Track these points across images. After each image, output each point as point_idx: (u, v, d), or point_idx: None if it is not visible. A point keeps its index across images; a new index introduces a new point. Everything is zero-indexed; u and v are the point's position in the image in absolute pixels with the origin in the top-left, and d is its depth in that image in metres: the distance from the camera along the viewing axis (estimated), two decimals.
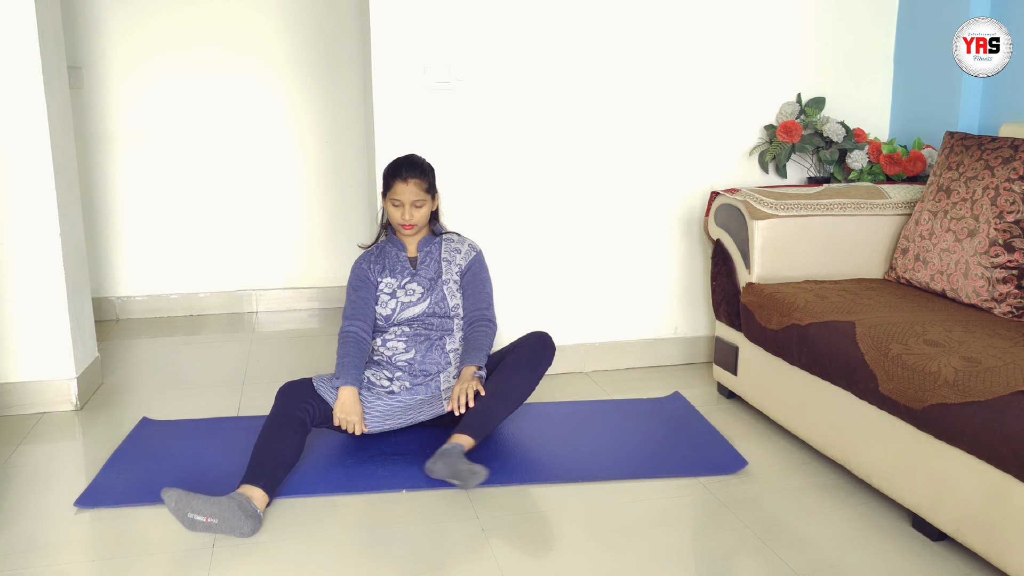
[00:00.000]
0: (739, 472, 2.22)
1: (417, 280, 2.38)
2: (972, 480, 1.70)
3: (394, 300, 2.37)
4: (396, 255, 2.42)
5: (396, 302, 2.37)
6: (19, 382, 2.63)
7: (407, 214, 2.33)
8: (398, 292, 2.37)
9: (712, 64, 2.97)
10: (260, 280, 3.99)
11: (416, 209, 2.34)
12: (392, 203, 2.34)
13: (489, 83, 2.80)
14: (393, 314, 2.36)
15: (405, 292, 2.37)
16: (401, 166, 2.34)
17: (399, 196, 2.32)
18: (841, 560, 1.81)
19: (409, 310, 2.36)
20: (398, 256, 2.42)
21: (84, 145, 3.64)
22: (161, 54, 3.70)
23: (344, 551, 1.86)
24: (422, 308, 2.36)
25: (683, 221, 3.05)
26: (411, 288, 2.38)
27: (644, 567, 1.79)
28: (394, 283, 2.38)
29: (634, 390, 2.85)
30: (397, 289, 2.38)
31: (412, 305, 2.36)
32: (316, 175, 3.94)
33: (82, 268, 2.82)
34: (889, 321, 2.04)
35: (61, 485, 2.14)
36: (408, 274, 2.39)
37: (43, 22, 2.52)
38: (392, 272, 2.40)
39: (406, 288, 2.38)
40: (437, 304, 2.37)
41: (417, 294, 2.37)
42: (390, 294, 2.38)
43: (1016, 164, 2.19)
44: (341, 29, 3.83)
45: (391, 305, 2.37)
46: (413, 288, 2.38)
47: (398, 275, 2.39)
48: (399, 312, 2.36)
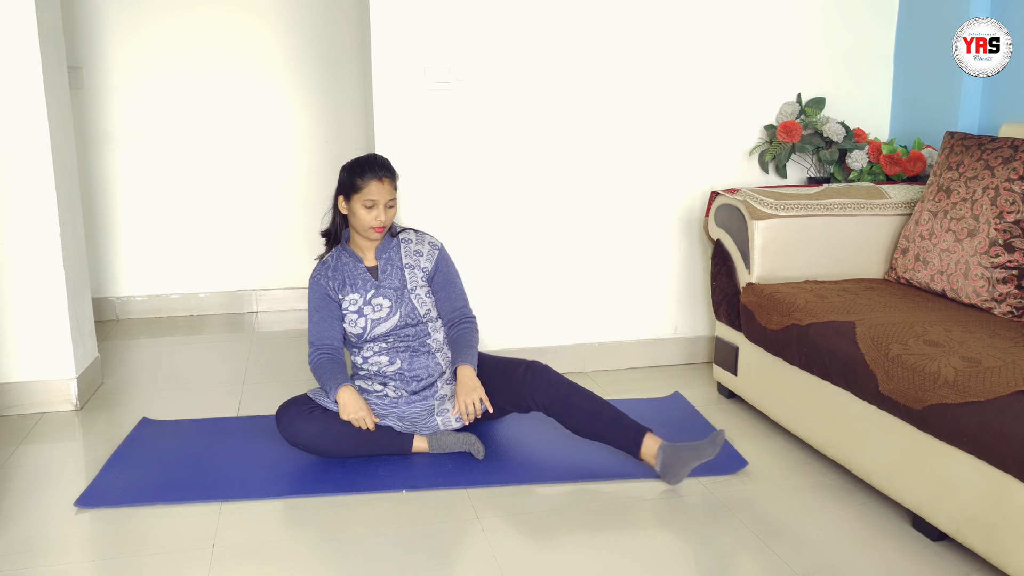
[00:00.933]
0: (739, 472, 2.22)
1: (382, 293, 2.27)
2: (972, 480, 1.70)
3: (363, 318, 2.26)
4: (354, 267, 2.29)
5: (365, 320, 2.26)
6: (19, 382, 2.63)
7: (382, 215, 2.22)
8: (365, 309, 2.26)
9: (712, 64, 2.97)
10: (260, 280, 3.99)
11: (389, 209, 2.23)
12: (364, 204, 2.21)
13: (489, 83, 2.80)
14: (364, 332, 2.26)
15: (372, 308, 2.26)
16: (373, 164, 2.23)
17: (374, 196, 2.20)
18: (841, 560, 1.81)
19: (380, 326, 2.26)
20: (356, 268, 2.29)
21: (84, 145, 3.64)
22: (161, 54, 3.70)
23: (344, 551, 1.86)
24: (393, 322, 2.26)
25: (683, 221, 3.05)
26: (378, 303, 2.26)
27: (644, 567, 1.79)
28: (359, 299, 2.26)
29: (634, 390, 2.85)
30: (363, 305, 2.26)
31: (383, 321, 2.26)
32: (316, 175, 3.94)
33: (82, 268, 2.82)
34: (889, 321, 2.04)
35: (61, 485, 2.14)
36: (371, 286, 2.27)
37: (43, 22, 2.52)
38: (354, 286, 2.27)
39: (372, 304, 2.26)
40: (408, 316, 2.27)
41: (385, 308, 2.26)
42: (357, 312, 2.26)
43: (1016, 164, 2.19)
44: (341, 29, 3.83)
45: (360, 324, 2.26)
46: (380, 303, 2.26)
47: (360, 289, 2.26)
48: (370, 330, 2.26)
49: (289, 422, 2.18)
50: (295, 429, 2.18)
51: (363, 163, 2.24)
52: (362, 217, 2.22)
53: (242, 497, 2.07)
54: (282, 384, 2.89)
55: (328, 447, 2.20)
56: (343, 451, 2.21)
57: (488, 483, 2.14)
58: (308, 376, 2.98)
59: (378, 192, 2.21)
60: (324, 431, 2.17)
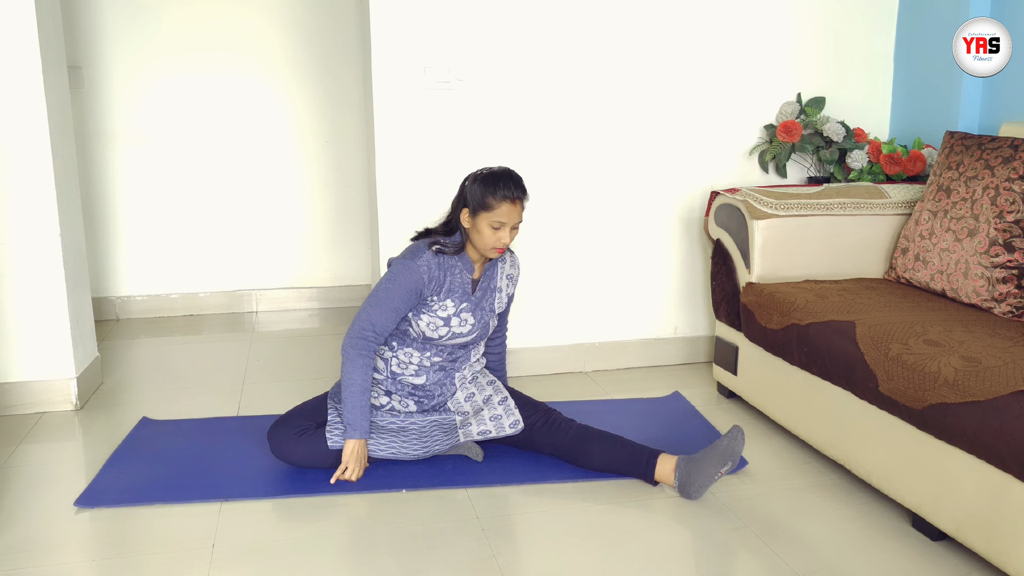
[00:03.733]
0: (739, 472, 2.22)
1: (473, 310, 2.16)
2: (972, 480, 1.70)
3: (447, 328, 2.13)
4: (461, 275, 2.13)
5: (448, 330, 2.13)
6: (19, 382, 2.63)
7: (507, 237, 2.05)
8: (452, 320, 2.13)
9: (712, 64, 2.97)
10: (260, 280, 3.99)
11: (513, 231, 2.08)
12: (491, 225, 2.04)
13: (489, 83, 2.80)
14: (439, 339, 2.14)
15: (460, 321, 2.14)
16: (508, 182, 2.05)
17: (503, 218, 2.03)
18: (841, 560, 1.81)
19: (457, 339, 2.16)
20: (463, 277, 2.14)
21: (84, 145, 3.64)
22: (161, 54, 3.70)
23: (344, 551, 1.86)
24: (468, 340, 2.19)
25: (683, 221, 3.05)
26: (466, 318, 2.14)
27: (644, 567, 1.79)
28: (452, 308, 2.11)
29: (634, 390, 2.85)
30: (453, 316, 2.12)
31: (462, 336, 2.16)
32: (316, 175, 3.94)
33: (82, 268, 2.82)
34: (889, 321, 2.04)
35: (61, 485, 2.14)
36: (467, 300, 2.14)
37: (43, 22, 2.52)
38: (452, 294, 2.11)
39: (461, 317, 2.14)
40: (480, 335, 2.21)
41: (469, 324, 2.15)
42: (444, 320, 2.12)
43: (1016, 164, 2.19)
44: (341, 29, 3.83)
45: (442, 331, 2.13)
46: (467, 318, 2.15)
47: (457, 299, 2.12)
48: (446, 339, 2.15)
49: (278, 445, 2.15)
50: (285, 453, 2.15)
51: (498, 179, 2.06)
52: (487, 237, 2.06)
53: (242, 497, 2.06)
54: (282, 384, 2.90)
55: (320, 466, 2.17)
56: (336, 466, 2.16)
57: (488, 483, 2.14)
58: (308, 376, 2.99)
59: (509, 215, 2.05)
60: (314, 452, 2.14)
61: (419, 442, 2.18)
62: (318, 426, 2.18)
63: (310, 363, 3.16)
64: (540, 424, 2.22)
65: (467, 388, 2.27)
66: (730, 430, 2.07)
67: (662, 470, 2.09)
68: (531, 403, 2.27)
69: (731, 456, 2.03)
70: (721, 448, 2.04)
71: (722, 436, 2.07)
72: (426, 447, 2.18)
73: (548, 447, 2.21)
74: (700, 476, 2.03)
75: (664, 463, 2.09)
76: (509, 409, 2.22)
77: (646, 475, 2.11)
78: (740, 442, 2.05)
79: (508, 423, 2.20)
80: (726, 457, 2.03)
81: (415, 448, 2.17)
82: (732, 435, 2.05)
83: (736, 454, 2.04)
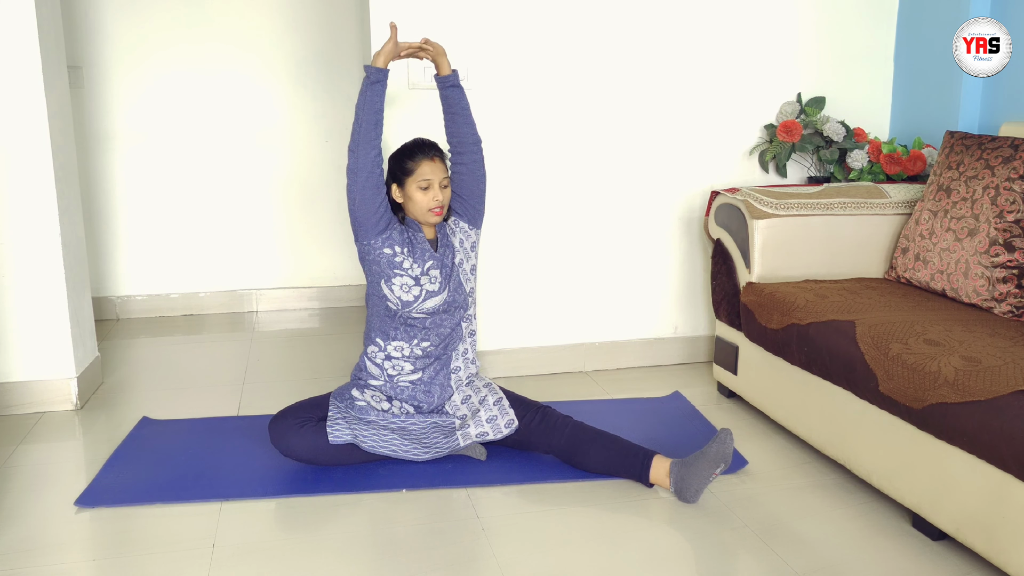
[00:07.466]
0: (739, 472, 2.22)
1: (440, 267, 2.22)
2: (972, 480, 1.70)
3: (418, 287, 2.18)
4: (414, 236, 2.22)
5: (421, 290, 2.19)
6: (19, 382, 2.63)
7: (439, 195, 2.16)
8: (422, 279, 2.19)
9: (712, 64, 2.97)
10: (260, 280, 3.99)
11: (444, 189, 2.18)
12: (419, 187, 2.16)
13: (490, 83, 2.80)
14: (416, 302, 2.19)
15: (429, 279, 2.20)
16: (422, 144, 2.20)
17: (428, 176, 2.15)
18: (841, 560, 1.81)
19: (431, 300, 2.20)
20: (416, 237, 2.22)
21: (84, 145, 3.64)
22: (161, 54, 3.70)
23: (344, 551, 1.86)
24: (442, 298, 2.21)
25: (683, 221, 3.05)
26: (433, 275, 2.21)
27: (644, 567, 1.79)
28: (417, 269, 2.19)
29: (634, 390, 2.85)
30: (420, 275, 2.19)
31: (434, 295, 2.20)
32: (316, 175, 3.94)
33: (82, 268, 2.82)
34: (889, 320, 2.04)
35: (61, 485, 2.14)
36: (430, 257, 2.21)
37: (43, 22, 2.52)
38: (413, 253, 2.19)
39: (429, 275, 2.20)
40: (455, 291, 2.23)
41: (438, 282, 2.21)
42: (414, 279, 2.18)
43: (1016, 163, 2.19)
44: (341, 29, 3.83)
45: (415, 292, 2.18)
46: (435, 275, 2.21)
47: (419, 260, 2.20)
48: (422, 301, 2.19)
49: (280, 436, 2.15)
50: (287, 444, 2.15)
51: (410, 146, 2.21)
52: (419, 200, 2.17)
53: (242, 497, 2.07)
54: (282, 384, 2.90)
55: (320, 460, 2.17)
56: (336, 462, 2.18)
57: (488, 483, 2.14)
58: (308, 376, 2.99)
59: (431, 171, 2.16)
60: (315, 445, 2.14)
61: (419, 444, 2.18)
62: (320, 419, 2.19)
63: (310, 363, 3.16)
64: (536, 423, 2.22)
65: (463, 391, 2.28)
66: (717, 434, 2.06)
67: (657, 472, 2.09)
68: (526, 402, 2.27)
69: (723, 458, 2.03)
70: (711, 453, 2.04)
71: (710, 442, 2.06)
72: (427, 449, 2.18)
73: (544, 447, 2.22)
74: (695, 480, 2.03)
75: (659, 465, 2.09)
76: (504, 409, 2.22)
77: (641, 477, 2.11)
78: (729, 443, 2.05)
79: (503, 423, 2.21)
80: (718, 460, 2.03)
81: (416, 450, 2.18)
82: (720, 439, 2.05)
83: (728, 455, 2.04)
